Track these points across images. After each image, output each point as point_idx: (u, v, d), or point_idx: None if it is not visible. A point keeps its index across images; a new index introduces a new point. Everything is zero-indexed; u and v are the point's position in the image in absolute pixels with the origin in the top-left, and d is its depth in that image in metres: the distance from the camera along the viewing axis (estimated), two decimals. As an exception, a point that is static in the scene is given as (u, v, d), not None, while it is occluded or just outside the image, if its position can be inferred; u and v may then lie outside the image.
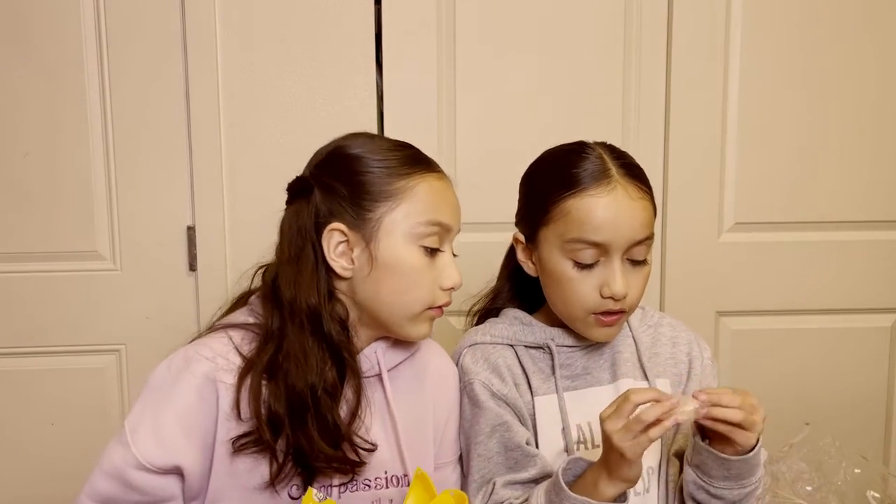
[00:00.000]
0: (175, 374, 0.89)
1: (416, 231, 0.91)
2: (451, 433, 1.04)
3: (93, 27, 1.53)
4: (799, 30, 1.64)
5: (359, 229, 0.91)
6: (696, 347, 1.11)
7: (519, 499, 0.98)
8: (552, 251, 1.00)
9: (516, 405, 1.03)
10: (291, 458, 0.89)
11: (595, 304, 0.99)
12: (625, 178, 0.98)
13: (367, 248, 0.91)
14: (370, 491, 0.94)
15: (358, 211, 0.91)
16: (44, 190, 1.55)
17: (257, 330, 0.93)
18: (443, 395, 1.03)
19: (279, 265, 0.94)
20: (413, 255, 0.91)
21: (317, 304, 0.90)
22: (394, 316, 0.93)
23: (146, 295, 1.58)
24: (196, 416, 0.88)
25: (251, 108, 1.56)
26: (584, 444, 1.03)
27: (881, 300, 1.74)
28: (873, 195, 1.70)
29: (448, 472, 1.04)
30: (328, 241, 0.92)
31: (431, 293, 0.93)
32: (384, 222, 0.90)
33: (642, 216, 0.98)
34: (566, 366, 1.06)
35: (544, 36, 1.60)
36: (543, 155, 1.07)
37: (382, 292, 0.92)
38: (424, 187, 0.92)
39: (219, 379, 0.88)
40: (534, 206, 1.03)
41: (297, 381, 0.87)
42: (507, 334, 1.07)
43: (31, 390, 1.59)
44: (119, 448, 0.88)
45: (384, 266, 0.91)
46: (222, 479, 0.90)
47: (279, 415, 0.87)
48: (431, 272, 0.93)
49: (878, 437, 1.78)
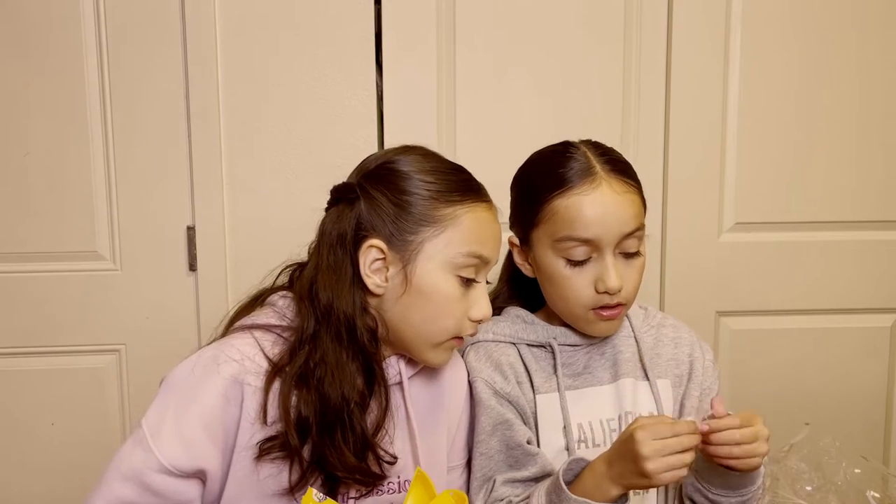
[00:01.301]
0: (200, 374, 0.87)
1: (456, 261, 0.90)
2: (462, 437, 1.05)
3: (93, 27, 1.53)
4: (799, 30, 1.64)
5: (398, 249, 0.90)
6: (697, 349, 1.12)
7: (519, 497, 0.99)
8: (545, 251, 1.01)
9: (519, 403, 1.03)
10: (316, 467, 0.87)
11: (592, 299, 1.00)
12: (609, 173, 0.99)
13: (404, 269, 0.90)
14: (384, 496, 0.94)
15: (399, 231, 0.90)
16: (44, 190, 1.55)
17: (283, 333, 0.91)
18: (456, 401, 1.03)
19: (318, 269, 0.92)
20: (448, 284, 0.90)
21: (352, 314, 0.89)
22: (418, 340, 0.93)
23: (146, 295, 1.58)
24: (220, 419, 0.86)
25: (251, 108, 1.56)
26: (585, 443, 1.03)
27: (881, 300, 1.74)
28: (873, 195, 1.70)
29: (455, 476, 1.05)
30: (365, 255, 0.91)
31: (459, 323, 0.93)
32: (425, 247, 0.90)
33: (629, 209, 0.99)
34: (567, 364, 1.06)
35: (544, 36, 1.60)
36: (530, 158, 1.08)
37: (412, 316, 0.91)
38: (471, 217, 0.92)
39: (245, 382, 0.87)
40: (524, 208, 1.04)
41: (331, 390, 0.86)
42: (510, 332, 1.07)
43: (31, 390, 1.59)
44: (138, 451, 0.85)
45: (418, 291, 0.90)
46: (240, 484, 0.88)
47: (308, 420, 0.86)
48: (463, 302, 0.92)
49: (878, 437, 1.78)
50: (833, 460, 0.94)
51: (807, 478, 0.93)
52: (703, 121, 1.65)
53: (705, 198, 1.67)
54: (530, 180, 1.06)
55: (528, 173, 1.07)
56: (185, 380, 0.87)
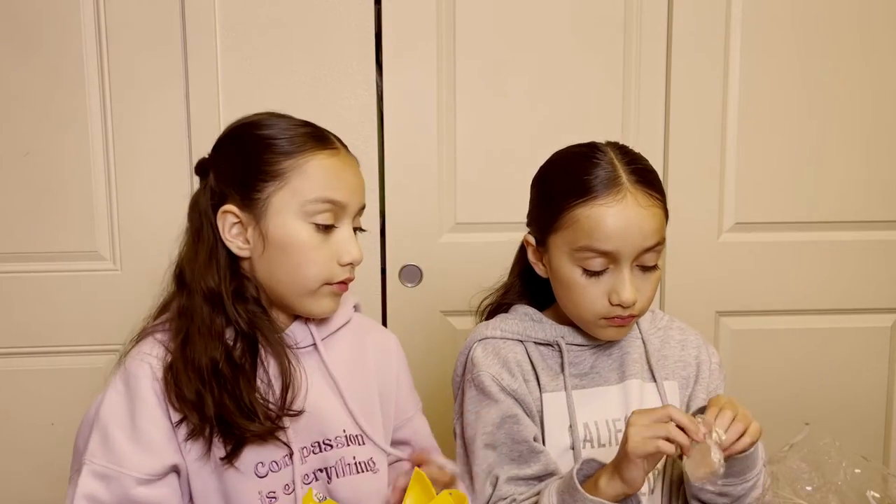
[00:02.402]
0: (124, 390, 0.91)
1: (305, 209, 0.92)
2: (405, 390, 1.07)
3: (93, 27, 1.53)
4: (799, 30, 1.64)
5: (249, 209, 0.92)
6: (704, 352, 1.11)
7: (523, 495, 0.98)
8: (562, 257, 1.00)
9: (525, 400, 1.03)
10: (220, 433, 0.90)
11: (604, 310, 0.99)
12: (635, 185, 0.97)
13: (258, 227, 0.92)
14: (334, 450, 0.96)
15: (246, 192, 0.92)
16: (44, 190, 1.55)
17: (173, 325, 0.95)
18: (386, 364, 1.06)
19: (185, 246, 0.97)
20: (303, 232, 0.92)
21: (216, 286, 0.92)
22: (290, 292, 0.94)
23: (146, 295, 1.57)
24: (158, 412, 0.90)
25: (251, 108, 1.54)
26: (591, 443, 1.03)
27: (881, 300, 1.74)
28: (873, 195, 1.70)
29: (418, 422, 1.08)
30: (223, 222, 0.93)
31: (328, 269, 0.93)
32: (272, 202, 0.91)
33: (652, 223, 0.97)
34: (574, 364, 1.06)
35: (544, 36, 1.60)
36: (554, 157, 1.05)
37: (277, 270, 0.93)
38: (314, 165, 0.92)
39: (156, 377, 0.90)
40: (544, 211, 1.02)
41: (200, 356, 0.89)
42: (518, 330, 1.07)
43: (31, 390, 1.59)
44: (104, 483, 0.88)
45: (275, 245, 0.92)
46: (196, 469, 0.91)
47: (196, 394, 0.89)
48: (326, 249, 0.93)
49: (878, 437, 1.78)
50: (833, 460, 0.94)
51: (807, 478, 0.93)
52: (703, 121, 1.65)
53: (705, 198, 1.67)
54: (552, 183, 1.03)
55: (549, 175, 1.05)
56: (115, 403, 0.91)
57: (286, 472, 0.93)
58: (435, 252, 1.64)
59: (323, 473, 0.95)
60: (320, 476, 0.95)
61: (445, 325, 1.66)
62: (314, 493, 0.82)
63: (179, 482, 0.92)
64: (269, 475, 0.92)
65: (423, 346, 1.62)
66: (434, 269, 1.64)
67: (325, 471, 0.95)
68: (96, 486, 0.89)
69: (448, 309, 1.65)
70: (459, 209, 1.64)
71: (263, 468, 0.92)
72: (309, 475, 0.95)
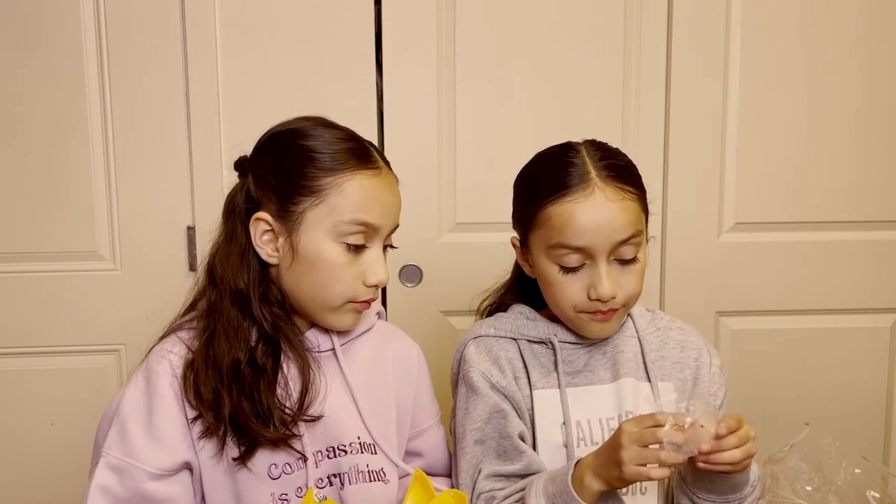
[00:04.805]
0: (144, 385, 0.92)
1: (339, 229, 0.92)
2: (423, 401, 1.07)
3: (93, 27, 1.53)
4: (799, 30, 1.64)
5: (283, 220, 0.92)
6: (705, 354, 1.11)
7: (503, 491, 0.98)
8: (540, 256, 1.01)
9: (514, 398, 1.03)
10: (234, 434, 0.90)
11: (583, 305, 1.00)
12: (605, 180, 0.98)
13: (290, 239, 0.92)
14: (347, 456, 0.96)
15: (283, 203, 0.92)
16: (44, 190, 1.55)
17: (199, 324, 0.95)
18: (405, 374, 1.06)
19: (217, 243, 0.96)
20: (333, 251, 0.92)
21: (245, 288, 0.92)
22: (314, 305, 0.95)
23: (146, 295, 1.58)
24: (176, 409, 0.90)
25: (251, 108, 1.56)
26: (584, 441, 1.03)
27: (881, 300, 1.74)
28: (873, 195, 1.70)
29: (433, 434, 1.08)
30: (255, 228, 0.93)
31: (353, 289, 0.94)
32: (307, 216, 0.91)
33: (623, 217, 0.97)
34: (567, 362, 1.06)
35: (544, 36, 1.60)
36: (533, 158, 1.07)
37: (303, 283, 0.93)
38: (353, 185, 0.92)
39: (175, 374, 0.91)
40: (523, 211, 1.04)
41: (223, 356, 0.89)
42: (511, 327, 1.08)
43: (31, 390, 1.59)
44: (118, 476, 0.88)
45: (304, 259, 0.92)
46: (209, 469, 0.91)
47: (213, 393, 0.89)
48: (354, 268, 0.93)
49: (878, 437, 1.78)
50: (833, 460, 0.93)
51: (807, 478, 0.92)
52: (703, 121, 1.65)
53: (705, 198, 1.67)
54: (528, 183, 1.05)
55: (526, 175, 1.07)
56: (134, 400, 0.92)
57: (299, 475, 0.93)
58: (435, 252, 1.64)
59: (336, 479, 0.95)
60: (333, 481, 0.95)
61: (445, 324, 1.66)
62: (314, 493, 0.82)
63: (192, 481, 0.92)
64: (282, 477, 0.92)
65: (423, 347, 1.58)
66: (434, 269, 1.64)
67: (339, 476, 0.95)
68: (111, 479, 0.89)
69: (448, 309, 1.65)
70: (459, 209, 1.64)
71: (276, 470, 0.92)
72: (322, 479, 0.94)
